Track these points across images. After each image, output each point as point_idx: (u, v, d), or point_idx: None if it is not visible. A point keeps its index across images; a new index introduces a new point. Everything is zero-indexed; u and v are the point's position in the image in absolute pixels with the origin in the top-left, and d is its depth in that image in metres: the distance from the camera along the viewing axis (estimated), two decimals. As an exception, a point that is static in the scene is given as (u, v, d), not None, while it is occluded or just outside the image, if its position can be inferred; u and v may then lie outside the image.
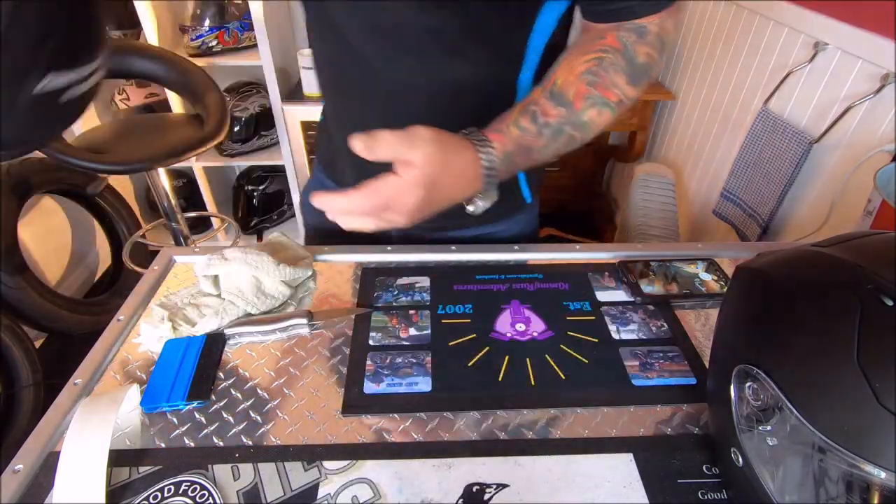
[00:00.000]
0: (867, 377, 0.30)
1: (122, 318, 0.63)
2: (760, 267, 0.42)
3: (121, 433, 0.51)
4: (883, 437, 0.29)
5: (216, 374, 0.58)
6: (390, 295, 0.68)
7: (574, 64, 0.55)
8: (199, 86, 1.46)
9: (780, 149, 1.39)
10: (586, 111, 0.54)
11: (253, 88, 1.97)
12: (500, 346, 0.61)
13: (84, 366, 0.57)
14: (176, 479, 0.47)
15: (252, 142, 2.01)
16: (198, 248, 0.76)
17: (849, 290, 0.34)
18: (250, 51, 1.84)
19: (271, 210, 2.26)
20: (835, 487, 0.32)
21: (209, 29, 1.77)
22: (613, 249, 0.78)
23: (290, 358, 0.60)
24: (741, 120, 1.61)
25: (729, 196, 1.61)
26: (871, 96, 1.19)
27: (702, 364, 0.60)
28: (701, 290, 0.69)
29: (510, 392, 0.56)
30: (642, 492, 0.47)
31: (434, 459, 0.49)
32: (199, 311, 0.63)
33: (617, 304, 0.67)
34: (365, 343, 0.61)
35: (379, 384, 0.56)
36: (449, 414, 0.54)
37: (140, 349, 0.60)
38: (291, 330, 0.63)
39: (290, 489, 0.47)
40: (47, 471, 0.47)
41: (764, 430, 0.37)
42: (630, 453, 0.50)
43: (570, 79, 0.54)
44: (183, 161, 1.35)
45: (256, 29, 1.68)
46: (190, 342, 0.60)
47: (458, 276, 0.71)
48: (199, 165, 2.03)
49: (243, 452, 0.50)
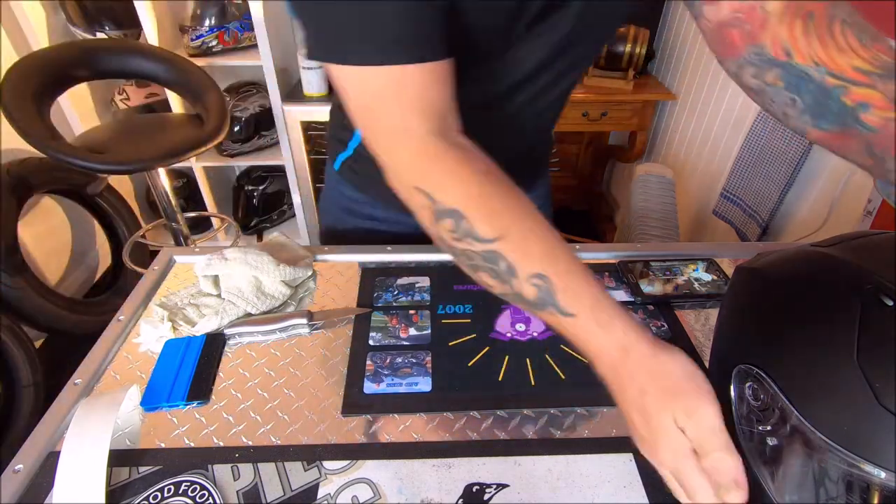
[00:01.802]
0: (867, 377, 0.30)
1: (122, 318, 0.63)
2: (760, 267, 0.42)
3: (121, 433, 0.51)
4: (882, 437, 0.29)
5: (216, 374, 0.58)
6: (390, 295, 0.68)
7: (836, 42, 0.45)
8: (199, 86, 1.46)
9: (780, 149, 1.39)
10: None
11: (253, 88, 1.97)
12: (500, 346, 0.61)
13: (84, 366, 0.57)
14: (176, 479, 0.47)
15: (252, 142, 2.01)
16: (198, 248, 0.76)
17: (848, 290, 0.34)
18: (250, 51, 1.84)
19: (271, 210, 2.26)
20: (835, 487, 0.32)
21: (209, 29, 1.77)
22: (613, 249, 0.78)
23: (290, 358, 0.60)
24: (741, 120, 1.61)
25: (729, 196, 1.61)
26: (871, 96, 1.19)
27: (702, 364, 0.60)
28: (701, 290, 0.69)
29: (510, 392, 0.56)
30: (642, 492, 0.47)
31: (434, 459, 0.49)
32: (199, 311, 0.63)
33: (617, 304, 0.67)
34: (365, 343, 0.61)
35: (379, 384, 0.56)
36: (449, 414, 0.54)
37: (140, 349, 0.60)
38: (291, 330, 0.63)
39: (290, 489, 0.47)
40: (47, 471, 0.47)
41: (763, 429, 0.37)
42: (630, 453, 0.50)
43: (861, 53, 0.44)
44: (183, 161, 1.35)
45: (256, 29, 1.68)
46: (190, 342, 0.60)
47: (458, 276, 0.71)
48: (199, 165, 2.03)
49: (243, 452, 0.50)
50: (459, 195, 0.42)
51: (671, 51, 1.98)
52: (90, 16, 1.74)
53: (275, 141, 2.03)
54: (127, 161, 1.28)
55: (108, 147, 1.31)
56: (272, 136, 2.04)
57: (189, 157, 1.35)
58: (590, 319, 0.39)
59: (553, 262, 0.40)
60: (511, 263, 0.41)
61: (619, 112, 1.97)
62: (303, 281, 0.70)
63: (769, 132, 1.44)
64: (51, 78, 1.28)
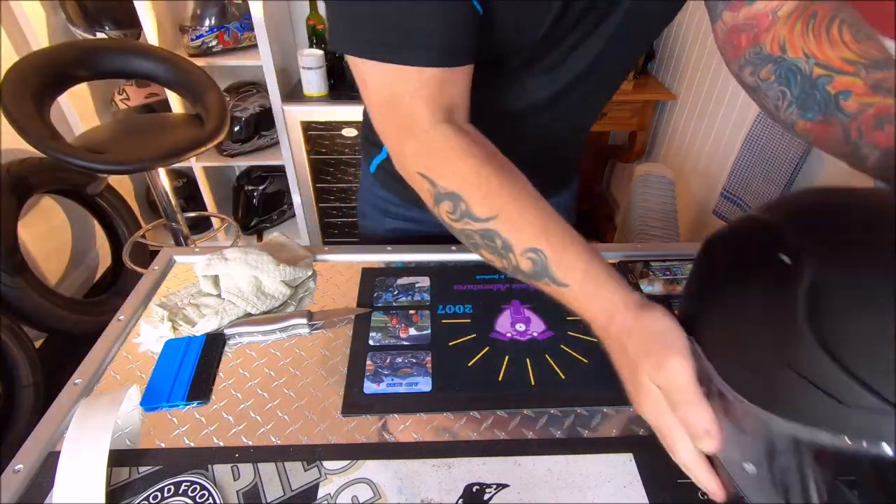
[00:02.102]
0: (771, 337, 0.30)
1: (122, 318, 0.63)
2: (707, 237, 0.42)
3: (121, 433, 0.51)
4: (790, 393, 0.29)
5: (216, 374, 0.58)
6: (390, 295, 0.68)
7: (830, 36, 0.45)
8: (199, 86, 1.46)
9: (780, 149, 1.39)
10: None
11: (253, 88, 1.97)
12: (500, 346, 0.61)
13: (84, 366, 0.57)
14: (176, 479, 0.47)
15: (252, 142, 2.01)
16: (198, 248, 0.76)
17: (756, 250, 0.33)
18: (250, 51, 1.84)
19: (271, 210, 2.26)
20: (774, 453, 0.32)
21: (209, 29, 1.77)
22: (613, 249, 0.78)
23: (290, 358, 0.60)
24: (741, 120, 1.61)
25: (729, 196, 1.61)
26: (871, 96, 1.19)
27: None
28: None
29: (510, 392, 0.56)
30: (642, 492, 0.47)
31: (434, 459, 0.49)
32: (199, 311, 0.63)
33: (617, 304, 0.67)
34: (365, 343, 0.61)
35: (379, 384, 0.56)
36: (449, 414, 0.54)
37: (140, 349, 0.60)
38: (291, 330, 0.63)
39: (290, 489, 0.47)
40: (47, 471, 0.47)
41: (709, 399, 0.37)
42: (630, 453, 0.50)
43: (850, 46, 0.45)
44: (183, 161, 1.35)
45: (256, 29, 1.68)
46: (190, 342, 0.60)
47: (458, 276, 0.71)
48: (199, 165, 2.03)
49: (243, 452, 0.50)
50: (457, 180, 0.45)
51: (671, 51, 1.98)
52: (90, 16, 1.74)
53: (275, 141, 2.03)
54: (127, 161, 1.28)
55: (108, 147, 1.31)
56: (272, 136, 2.04)
57: (189, 157, 1.35)
58: (581, 289, 0.42)
59: (547, 237, 0.43)
60: (506, 240, 0.43)
61: (619, 112, 1.97)
62: (303, 281, 0.70)
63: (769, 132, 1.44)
64: (51, 78, 1.28)
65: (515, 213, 0.43)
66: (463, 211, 0.45)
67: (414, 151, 0.47)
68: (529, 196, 0.45)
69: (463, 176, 0.45)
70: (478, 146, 0.46)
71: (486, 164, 0.45)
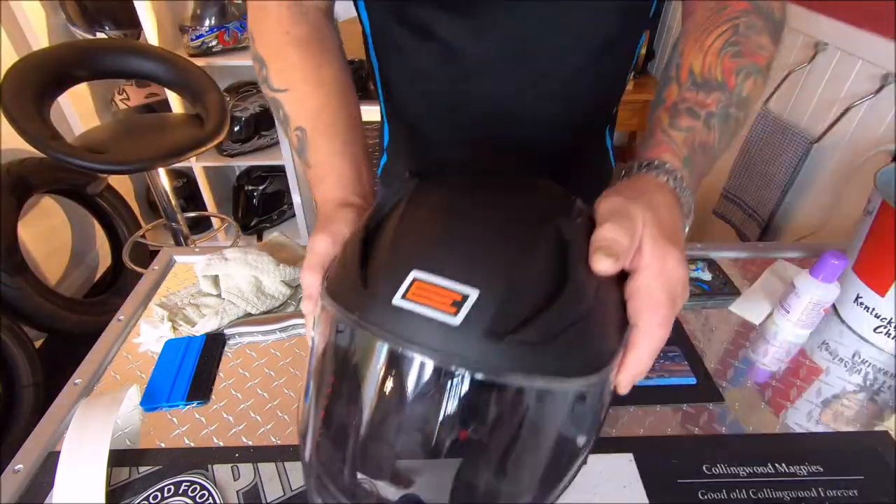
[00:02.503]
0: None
1: (122, 318, 0.63)
2: None
3: (121, 433, 0.51)
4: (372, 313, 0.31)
5: (216, 374, 0.58)
6: (390, 295, 0.68)
7: (705, 44, 0.48)
8: (199, 86, 1.46)
9: (780, 149, 1.39)
10: (743, 85, 0.46)
11: (253, 88, 1.97)
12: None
13: (84, 366, 0.57)
14: (176, 479, 0.47)
15: (252, 142, 2.01)
16: (198, 248, 0.76)
17: None
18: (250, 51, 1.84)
19: (271, 210, 2.26)
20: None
21: (209, 29, 1.77)
22: (613, 249, 0.78)
23: (290, 358, 0.60)
24: (741, 120, 1.61)
25: (729, 196, 1.61)
26: (870, 96, 1.19)
27: (702, 364, 0.60)
28: (701, 290, 0.69)
29: (510, 392, 0.56)
30: (642, 492, 0.47)
31: (434, 459, 0.49)
32: (199, 311, 0.63)
33: (617, 304, 0.67)
34: (364, 343, 0.61)
35: (379, 384, 0.56)
36: (449, 414, 0.54)
37: (140, 349, 0.60)
38: (291, 330, 0.63)
39: (290, 489, 0.47)
40: (47, 471, 0.47)
41: None
42: (630, 453, 0.50)
43: (710, 59, 0.47)
44: (183, 161, 1.35)
45: (256, 29, 1.68)
46: (190, 342, 0.60)
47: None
48: (199, 165, 2.03)
49: (243, 452, 0.50)
50: (268, 46, 0.51)
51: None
52: (90, 16, 1.74)
53: (275, 141, 2.03)
54: (127, 161, 1.28)
55: (108, 147, 1.31)
56: (272, 136, 2.04)
57: (189, 157, 1.35)
58: (315, 172, 0.47)
59: (316, 121, 0.48)
60: (287, 113, 0.49)
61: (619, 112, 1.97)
62: (303, 281, 0.69)
63: (769, 132, 1.44)
64: (51, 78, 1.28)
65: (302, 93, 0.49)
66: (263, 77, 0.51)
67: (253, 17, 0.52)
68: (324, 83, 0.49)
69: (272, 47, 0.50)
70: (301, 28, 0.50)
71: (299, 45, 0.50)
